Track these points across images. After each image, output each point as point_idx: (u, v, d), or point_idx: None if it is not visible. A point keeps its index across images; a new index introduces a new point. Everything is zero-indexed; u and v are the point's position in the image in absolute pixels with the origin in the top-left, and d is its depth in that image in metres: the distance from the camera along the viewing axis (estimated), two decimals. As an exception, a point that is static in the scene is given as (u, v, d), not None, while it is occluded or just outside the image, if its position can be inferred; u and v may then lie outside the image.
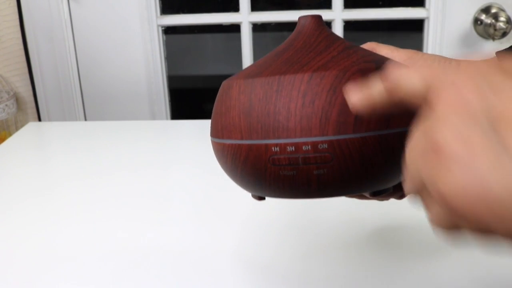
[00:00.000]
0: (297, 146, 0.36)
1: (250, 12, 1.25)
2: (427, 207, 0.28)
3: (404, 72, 0.29)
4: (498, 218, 0.23)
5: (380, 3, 1.40)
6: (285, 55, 0.39)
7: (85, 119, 1.36)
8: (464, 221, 0.25)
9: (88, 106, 1.35)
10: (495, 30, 1.16)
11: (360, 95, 0.32)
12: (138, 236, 0.66)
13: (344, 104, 0.35)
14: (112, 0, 1.26)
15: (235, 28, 1.28)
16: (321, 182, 0.36)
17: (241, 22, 1.26)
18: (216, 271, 0.58)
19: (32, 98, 1.36)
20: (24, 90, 1.36)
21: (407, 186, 0.29)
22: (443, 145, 0.25)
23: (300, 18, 0.43)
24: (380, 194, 0.40)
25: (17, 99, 1.36)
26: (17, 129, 1.35)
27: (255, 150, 0.37)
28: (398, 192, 0.44)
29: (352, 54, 0.38)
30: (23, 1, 1.26)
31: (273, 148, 0.36)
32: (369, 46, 0.44)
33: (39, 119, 1.37)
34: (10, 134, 1.32)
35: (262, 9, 1.29)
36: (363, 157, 0.36)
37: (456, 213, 0.25)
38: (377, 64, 0.37)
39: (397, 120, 0.36)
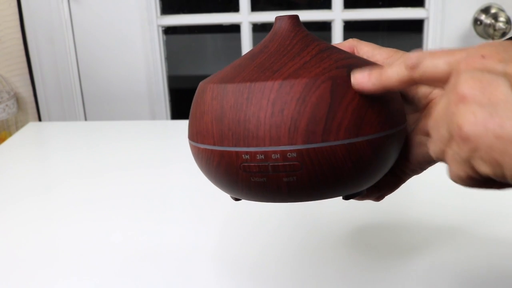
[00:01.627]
0: (267, 154, 0.36)
1: (250, 12, 1.25)
2: (450, 160, 0.31)
3: (428, 54, 0.32)
4: (504, 144, 0.27)
5: (380, 3, 1.40)
6: (258, 59, 0.39)
7: (85, 119, 1.36)
8: (482, 160, 0.28)
9: (88, 106, 1.35)
10: (495, 30, 1.16)
11: (366, 74, 0.35)
12: (137, 235, 0.66)
13: (313, 113, 0.35)
14: (112, 0, 1.26)
15: (235, 28, 1.29)
16: (291, 188, 0.37)
17: (241, 22, 1.26)
18: (215, 270, 0.59)
19: (32, 98, 1.37)
20: (25, 90, 1.37)
21: (432, 148, 0.33)
22: (468, 93, 0.28)
23: (276, 18, 0.42)
24: (352, 197, 0.41)
25: (18, 99, 1.37)
26: (17, 129, 1.35)
27: (227, 157, 0.38)
28: (373, 194, 0.44)
29: (325, 58, 0.38)
30: (23, 2, 1.26)
31: (243, 155, 0.37)
32: (350, 43, 0.44)
33: (40, 119, 1.37)
34: (10, 134, 1.32)
35: (262, 9, 1.29)
36: (332, 165, 0.36)
37: (476, 152, 0.28)
38: (349, 70, 0.37)
39: (367, 127, 0.36)
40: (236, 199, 0.43)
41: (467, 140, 0.28)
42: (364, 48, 0.43)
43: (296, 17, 0.42)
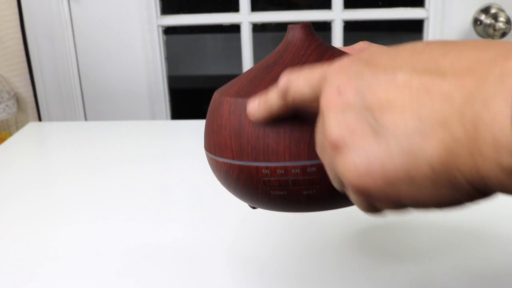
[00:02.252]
0: (287, 169, 0.37)
1: (250, 12, 1.25)
2: (355, 201, 0.30)
3: (293, 78, 0.32)
4: (393, 186, 0.26)
5: (380, 3, 1.40)
6: (273, 71, 0.39)
7: (85, 119, 1.36)
8: (383, 203, 0.28)
9: (88, 106, 1.35)
10: (495, 30, 1.16)
11: (256, 103, 0.36)
12: (138, 235, 0.66)
13: None
14: (112, 0, 1.26)
15: (235, 28, 1.29)
16: (310, 200, 0.38)
17: (241, 22, 1.26)
18: (213, 269, 0.59)
19: (32, 98, 1.37)
20: (25, 90, 1.37)
21: (335, 186, 0.32)
22: (338, 141, 0.27)
23: (289, 27, 0.42)
24: None
25: (18, 99, 1.37)
26: (17, 129, 1.35)
27: (247, 171, 0.38)
28: None
29: None
30: (23, 1, 1.26)
31: (263, 170, 0.37)
32: (361, 46, 0.43)
33: (40, 119, 1.37)
34: (10, 134, 1.32)
35: (262, 9, 1.29)
36: None
37: (374, 198, 0.27)
38: None
39: None
40: (253, 208, 0.43)
41: (361, 191, 0.27)
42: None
43: (309, 25, 0.42)
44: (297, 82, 0.32)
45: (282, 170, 0.37)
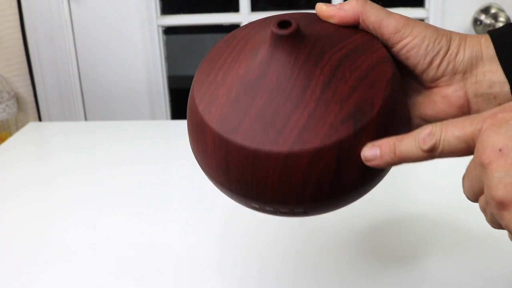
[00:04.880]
0: (275, 208, 0.38)
1: (250, 12, 1.25)
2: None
3: (442, 133, 0.33)
4: None
5: (380, 3, 1.40)
6: (257, 100, 0.37)
7: (86, 119, 1.36)
8: None
9: (88, 106, 1.35)
10: (495, 30, 1.16)
11: (377, 152, 0.35)
12: (138, 235, 0.66)
13: (319, 180, 0.36)
14: (112, 0, 1.26)
15: (235, 28, 1.29)
16: (301, 216, 0.39)
17: (241, 22, 1.26)
18: (214, 269, 0.59)
19: (32, 98, 1.37)
20: (25, 90, 1.37)
21: (491, 225, 0.34)
22: (506, 200, 0.30)
23: (273, 33, 0.37)
24: None
25: (18, 99, 1.37)
26: (17, 129, 1.35)
27: (237, 198, 0.39)
28: None
29: (330, 101, 0.36)
30: (23, 1, 1.26)
31: (252, 203, 0.38)
32: (354, 10, 0.41)
33: (40, 119, 1.37)
34: (10, 134, 1.32)
35: (262, 9, 1.29)
36: (338, 205, 0.39)
37: None
38: (356, 127, 0.35)
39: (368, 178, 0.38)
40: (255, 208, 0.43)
41: None
42: (370, 18, 0.40)
43: (295, 33, 0.37)
44: (446, 137, 0.33)
45: (271, 208, 0.38)
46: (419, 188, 0.76)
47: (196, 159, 0.41)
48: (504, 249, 0.60)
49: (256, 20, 0.44)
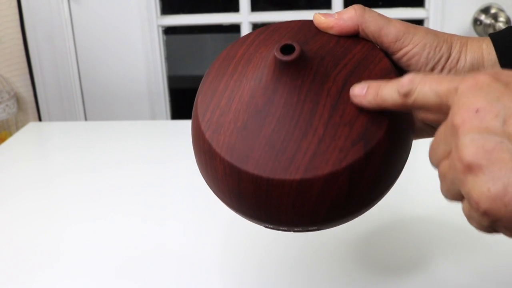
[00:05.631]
0: (289, 228, 0.38)
1: (250, 12, 1.25)
2: (466, 212, 0.31)
3: (419, 81, 0.32)
4: None
5: (380, 3, 1.40)
6: (266, 127, 0.37)
7: (86, 119, 1.36)
8: (505, 228, 0.29)
9: (89, 106, 1.35)
10: (495, 30, 1.16)
11: (363, 89, 0.36)
12: (138, 235, 0.66)
13: (332, 203, 0.36)
14: (112, 0, 1.26)
15: (235, 28, 1.29)
16: (314, 231, 0.40)
17: (241, 22, 1.26)
18: (213, 269, 0.59)
19: (32, 98, 1.37)
20: (25, 90, 1.37)
21: (445, 195, 0.32)
22: (473, 162, 0.28)
23: (276, 58, 0.37)
24: None
25: (18, 99, 1.37)
26: (17, 129, 1.35)
27: (250, 219, 0.40)
28: None
29: (339, 125, 0.36)
30: (23, 1, 1.26)
31: (265, 225, 0.39)
32: (353, 20, 0.41)
33: (40, 119, 1.37)
34: (10, 134, 1.32)
35: (262, 9, 1.29)
36: (351, 219, 0.40)
37: (498, 222, 0.28)
38: (366, 149, 0.35)
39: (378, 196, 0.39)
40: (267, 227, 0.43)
41: (487, 214, 0.28)
42: (370, 27, 0.40)
43: (300, 57, 0.37)
44: (422, 86, 0.32)
45: (285, 228, 0.38)
46: (419, 188, 0.76)
47: (206, 183, 0.41)
48: (504, 249, 0.60)
49: (253, 33, 0.43)
